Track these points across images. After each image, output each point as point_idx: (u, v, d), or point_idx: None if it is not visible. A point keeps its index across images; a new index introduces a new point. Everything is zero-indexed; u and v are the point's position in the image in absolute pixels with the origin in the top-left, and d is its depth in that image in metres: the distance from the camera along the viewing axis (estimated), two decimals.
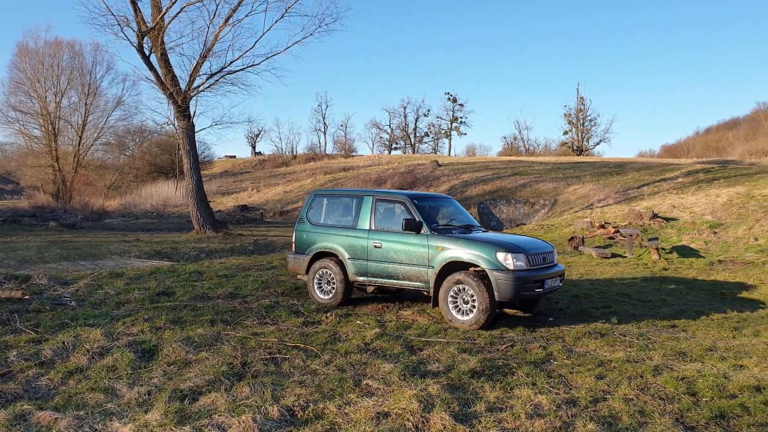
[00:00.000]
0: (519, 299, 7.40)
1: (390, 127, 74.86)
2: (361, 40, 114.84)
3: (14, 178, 45.65)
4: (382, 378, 5.14)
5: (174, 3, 17.90)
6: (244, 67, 19.95)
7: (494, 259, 7.13)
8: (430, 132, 74.18)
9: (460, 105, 71.08)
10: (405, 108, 75.68)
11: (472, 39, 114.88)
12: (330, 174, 40.34)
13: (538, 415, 4.35)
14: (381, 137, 75.66)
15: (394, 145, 75.04)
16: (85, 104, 38.02)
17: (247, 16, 19.86)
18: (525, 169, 32.07)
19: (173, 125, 24.27)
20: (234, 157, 72.11)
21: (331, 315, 7.73)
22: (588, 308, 8.55)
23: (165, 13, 17.98)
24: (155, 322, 6.89)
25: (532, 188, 26.89)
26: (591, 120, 60.91)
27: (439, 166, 36.09)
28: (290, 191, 37.90)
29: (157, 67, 18.78)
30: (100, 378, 5.11)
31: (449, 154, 66.22)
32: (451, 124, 71.69)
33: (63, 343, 5.90)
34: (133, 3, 17.83)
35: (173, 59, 19.45)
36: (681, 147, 58.34)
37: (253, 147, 75.80)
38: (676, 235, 15.77)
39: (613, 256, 14.18)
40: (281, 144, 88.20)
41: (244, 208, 31.98)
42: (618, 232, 16.07)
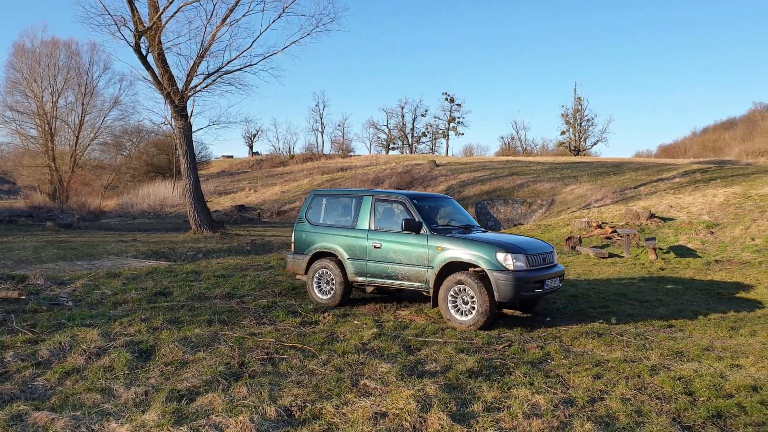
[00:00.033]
0: (519, 300, 7.37)
1: (387, 127, 74.98)
2: (359, 40, 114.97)
3: (11, 178, 45.48)
4: (379, 378, 5.14)
5: (171, 3, 17.85)
6: (242, 67, 19.95)
7: (494, 259, 7.11)
8: (428, 132, 74.29)
9: (457, 105, 71.24)
10: (402, 108, 75.67)
11: (469, 39, 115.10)
12: (327, 174, 40.35)
13: (535, 414, 4.35)
14: (378, 137, 75.78)
15: (391, 145, 75.12)
16: (82, 104, 37.96)
17: (244, 16, 19.71)
18: (522, 169, 32.12)
19: (170, 125, 24.22)
20: (231, 157, 72.13)
21: (329, 315, 7.73)
22: (585, 308, 8.56)
23: (162, 13, 17.94)
24: (152, 323, 6.88)
25: (529, 188, 26.92)
26: (588, 120, 61.08)
27: (437, 166, 36.11)
28: (287, 191, 37.89)
29: (154, 67, 18.74)
30: (97, 378, 5.10)
31: (447, 154, 66.27)
32: (449, 124, 71.79)
33: (60, 343, 5.89)
34: (130, 2, 17.78)
35: (170, 59, 19.47)
36: (678, 147, 58.48)
37: (251, 147, 75.84)
38: (673, 235, 15.81)
39: (611, 256, 14.21)
40: (278, 144, 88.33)
41: (242, 208, 31.96)
42: (615, 232, 16.10)
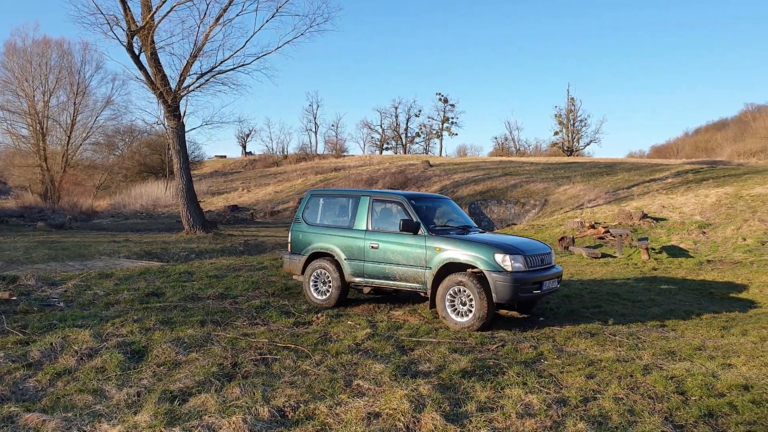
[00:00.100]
0: (517, 301, 7.33)
1: (381, 127, 74.88)
2: (353, 40, 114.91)
3: (2, 178, 45.17)
4: (373, 378, 5.13)
5: (164, 2, 17.80)
6: (235, 66, 19.90)
7: (492, 260, 7.09)
8: (422, 132, 74.31)
9: (451, 105, 71.28)
10: (396, 108, 75.69)
11: (463, 40, 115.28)
12: (321, 174, 40.30)
13: (528, 414, 4.36)
14: (372, 137, 75.68)
15: (385, 146, 75.07)
16: (74, 103, 37.77)
17: (237, 15, 19.69)
18: (516, 169, 32.19)
19: (163, 125, 24.14)
20: (224, 157, 71.92)
21: (322, 315, 7.71)
22: (578, 308, 8.59)
23: (155, 12, 17.87)
24: (145, 323, 6.84)
25: (522, 188, 26.99)
26: (581, 121, 61.27)
27: (431, 166, 36.14)
28: (281, 191, 37.81)
29: (147, 67, 18.65)
30: (88, 379, 5.07)
31: (440, 155, 66.33)
32: (443, 124, 71.83)
33: (51, 344, 5.84)
34: (123, 2, 17.70)
35: (163, 59, 19.32)
36: (670, 147, 58.83)
37: (244, 147, 75.59)
38: (665, 235, 15.89)
39: (603, 256, 14.26)
40: (272, 144, 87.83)
41: (235, 208, 31.85)
42: (608, 232, 16.17)
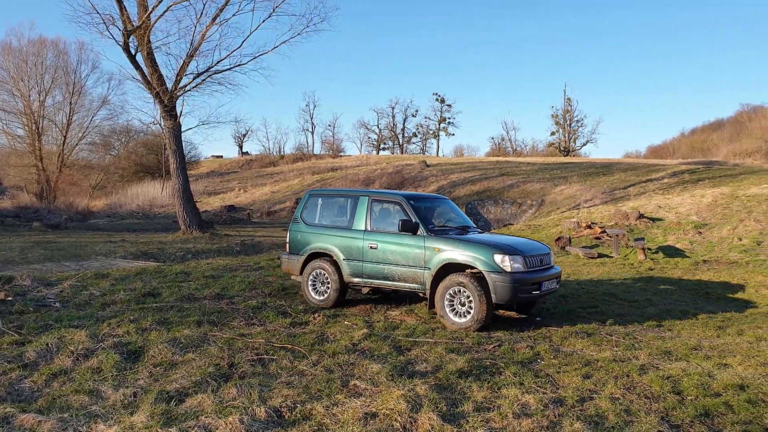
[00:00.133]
0: (516, 301, 7.33)
1: (378, 127, 75.04)
2: (350, 40, 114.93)
3: None
4: (369, 378, 5.13)
5: (160, 2, 17.72)
6: (232, 66, 19.83)
7: (491, 261, 7.08)
8: (419, 132, 74.42)
9: (448, 106, 71.46)
10: (393, 108, 75.80)
11: (460, 40, 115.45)
12: (318, 174, 40.28)
13: (525, 414, 4.36)
14: (369, 137, 75.80)
15: (382, 146, 75.17)
16: (70, 103, 37.63)
17: (234, 15, 19.57)
18: (512, 169, 32.23)
19: (159, 125, 24.03)
20: (221, 157, 71.85)
21: (319, 316, 7.70)
22: (575, 308, 8.60)
23: (151, 12, 17.81)
24: (141, 324, 6.82)
25: (519, 189, 27.02)
26: (578, 121, 61.51)
27: (428, 166, 36.16)
28: (278, 191, 37.78)
29: (144, 67, 18.60)
30: (84, 380, 5.05)
31: (437, 155, 66.41)
32: (439, 124, 71.96)
33: (47, 344, 5.82)
34: (119, 1, 17.62)
35: (160, 58, 19.31)
36: (667, 148, 59.02)
37: (240, 147, 75.58)
38: (661, 235, 15.93)
39: (600, 256, 14.29)
40: (269, 144, 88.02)
41: (231, 208, 31.81)
42: (604, 232, 16.20)
